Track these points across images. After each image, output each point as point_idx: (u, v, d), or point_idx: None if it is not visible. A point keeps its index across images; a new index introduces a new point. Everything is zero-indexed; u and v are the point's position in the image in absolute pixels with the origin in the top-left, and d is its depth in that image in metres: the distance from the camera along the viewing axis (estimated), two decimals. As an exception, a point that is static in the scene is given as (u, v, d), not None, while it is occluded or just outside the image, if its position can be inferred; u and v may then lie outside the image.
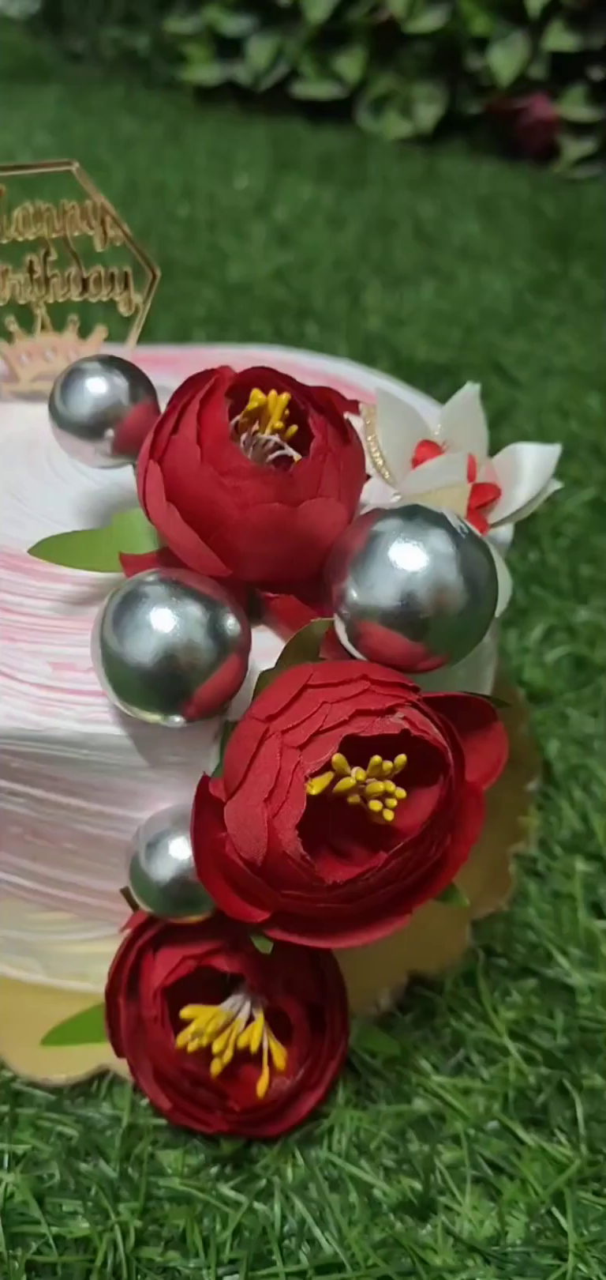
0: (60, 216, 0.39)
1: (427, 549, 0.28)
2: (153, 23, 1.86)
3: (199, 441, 0.29)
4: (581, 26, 1.38)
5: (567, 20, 1.39)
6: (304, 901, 0.27)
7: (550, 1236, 0.31)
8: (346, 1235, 0.31)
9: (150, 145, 1.56)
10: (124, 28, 1.92)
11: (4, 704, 0.29)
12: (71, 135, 1.59)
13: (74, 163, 0.38)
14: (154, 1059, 0.32)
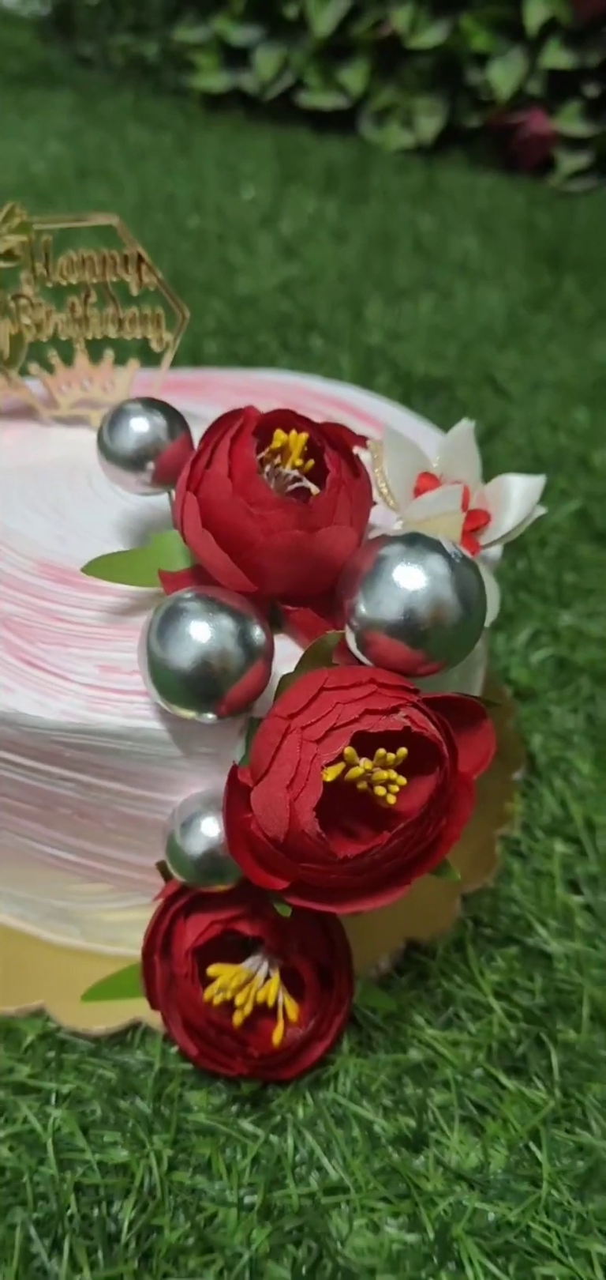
0: (100, 264, 0.43)
1: (426, 571, 0.32)
2: (162, 31, 1.89)
3: (230, 475, 0.33)
4: (577, 45, 1.42)
5: (564, 39, 1.43)
6: (319, 873, 0.31)
7: (527, 1167, 0.35)
8: (350, 1163, 0.35)
9: (160, 155, 1.59)
10: (133, 35, 1.95)
11: (58, 702, 0.33)
12: (84, 144, 1.62)
13: (115, 217, 0.42)
14: (184, 1011, 0.36)
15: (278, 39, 1.69)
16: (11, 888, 0.40)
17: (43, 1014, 0.39)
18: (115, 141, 1.66)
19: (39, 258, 0.43)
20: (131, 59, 1.97)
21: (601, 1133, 0.36)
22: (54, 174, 1.49)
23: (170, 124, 1.76)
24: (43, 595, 0.36)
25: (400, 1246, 0.33)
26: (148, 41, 1.92)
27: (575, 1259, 0.33)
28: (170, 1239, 0.33)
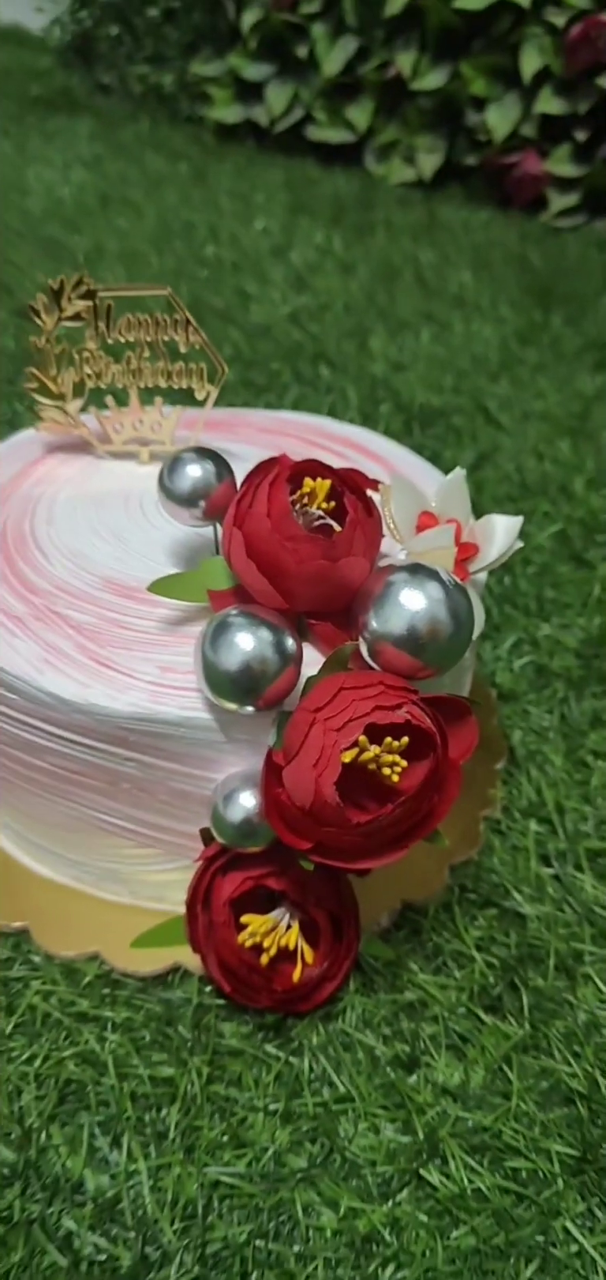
0: (154, 325, 0.49)
1: (426, 595, 0.39)
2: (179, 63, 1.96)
3: (268, 514, 0.39)
4: (569, 93, 1.49)
5: (556, 87, 1.49)
6: (336, 836, 0.37)
7: (500, 1085, 0.42)
8: (355, 1080, 0.42)
9: (177, 184, 1.65)
10: (151, 65, 2.01)
11: (126, 695, 0.40)
12: (106, 172, 1.69)
13: (167, 287, 0.48)
14: (220, 953, 0.42)
15: (288, 76, 1.75)
16: (70, 852, 0.47)
17: (98, 958, 0.45)
18: (135, 169, 1.72)
19: (101, 318, 0.49)
20: (149, 88, 2.03)
21: (562, 1059, 0.43)
22: (78, 200, 1.56)
23: (186, 153, 1.82)
24: (109, 607, 0.43)
25: (395, 1145, 0.40)
26: (165, 72, 1.98)
27: (537, 1155, 0.39)
28: (209, 1136, 0.39)
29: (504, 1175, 0.39)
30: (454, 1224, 0.37)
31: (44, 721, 0.41)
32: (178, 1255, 0.36)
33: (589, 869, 0.51)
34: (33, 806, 0.45)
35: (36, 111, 2.07)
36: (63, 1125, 0.39)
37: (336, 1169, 0.39)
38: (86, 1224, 0.36)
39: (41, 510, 0.49)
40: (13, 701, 0.41)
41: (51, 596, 0.44)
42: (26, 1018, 0.43)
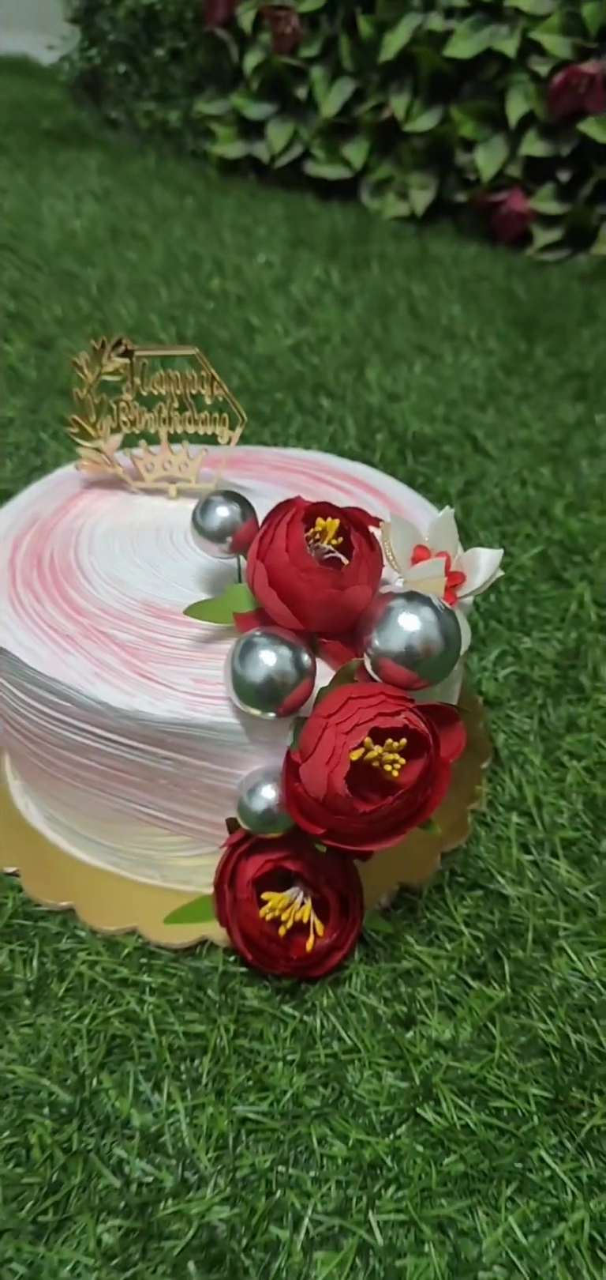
0: (183, 380, 0.55)
1: (420, 618, 0.44)
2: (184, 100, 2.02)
3: (286, 549, 0.45)
4: (552, 137, 1.55)
5: (540, 131, 1.56)
6: (345, 823, 0.43)
7: (485, 1039, 0.48)
8: (360, 1035, 0.47)
9: (183, 217, 1.71)
10: (158, 102, 2.07)
11: (165, 703, 0.45)
12: (116, 205, 1.75)
13: (195, 348, 0.54)
14: (243, 926, 0.48)
15: (288, 115, 1.82)
16: (109, 840, 0.53)
17: (135, 932, 0.51)
18: (142, 203, 1.78)
19: (137, 374, 0.55)
20: (155, 123, 2.10)
21: (538, 1018, 0.49)
22: (90, 233, 1.61)
23: (191, 187, 1.88)
24: (147, 627, 0.49)
25: (395, 1089, 0.45)
26: (171, 109, 2.04)
27: (516, 1097, 0.45)
28: (236, 1081, 0.45)
29: (488, 1113, 0.45)
30: (445, 1153, 0.43)
31: (93, 726, 0.47)
32: (212, 1179, 0.41)
33: (563, 856, 0.57)
34: (79, 800, 0.51)
35: (47, 144, 2.13)
36: (111, 1073, 0.45)
37: (345, 1108, 0.44)
38: (134, 1153, 0.42)
39: (83, 541, 0.55)
40: (65, 709, 0.47)
41: (97, 618, 0.49)
42: (75, 983, 0.49)
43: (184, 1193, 0.41)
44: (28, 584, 0.52)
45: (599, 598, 0.80)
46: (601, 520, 0.91)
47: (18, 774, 0.57)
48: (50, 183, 1.85)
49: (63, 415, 1.02)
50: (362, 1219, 0.40)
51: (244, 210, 1.78)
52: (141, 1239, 0.39)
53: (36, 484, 0.61)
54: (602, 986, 0.50)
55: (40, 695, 0.48)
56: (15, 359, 1.15)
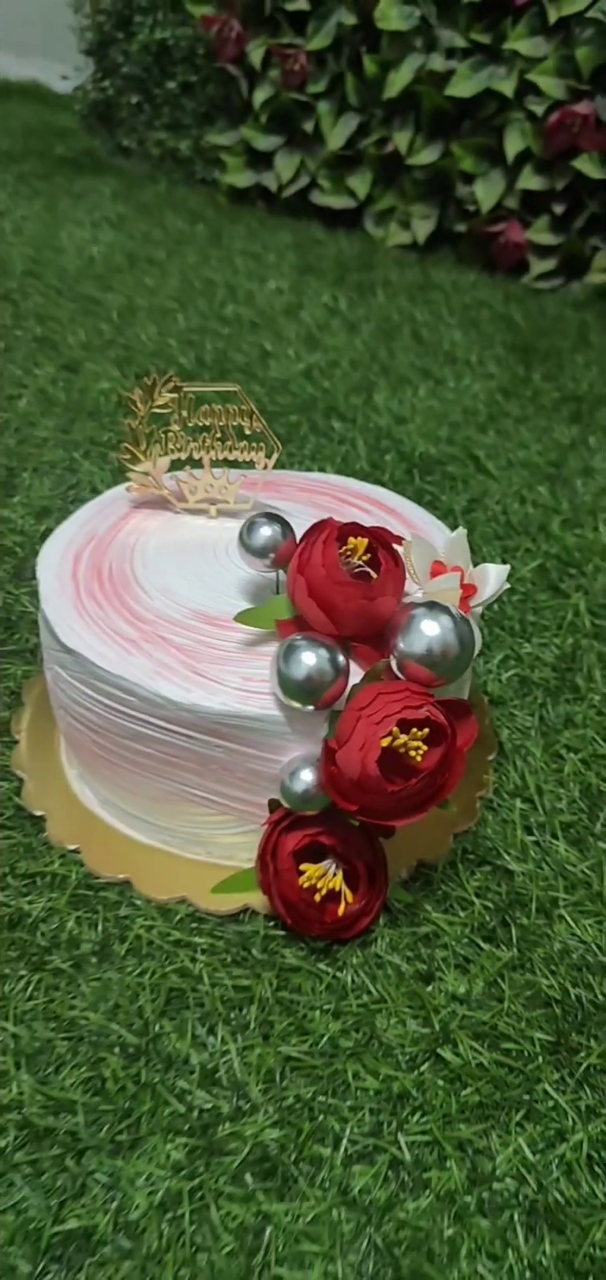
0: (225, 414, 0.61)
1: (439, 625, 0.51)
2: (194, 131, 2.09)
3: (323, 564, 0.52)
4: (547, 172, 1.62)
5: (536, 166, 1.63)
6: (376, 801, 0.50)
7: (495, 992, 0.54)
8: (387, 988, 0.54)
9: (196, 244, 1.78)
10: (169, 132, 2.14)
11: (218, 697, 0.52)
12: (131, 232, 1.81)
13: (237, 386, 0.61)
14: (283, 893, 0.54)
15: (296, 147, 1.89)
16: (162, 820, 0.59)
17: (185, 901, 0.57)
18: (157, 229, 1.85)
19: (184, 408, 0.62)
20: (166, 151, 2.16)
21: (542, 974, 0.55)
22: (108, 259, 1.68)
23: (202, 214, 1.95)
24: (199, 633, 0.55)
25: (418, 1034, 0.52)
26: (182, 139, 2.11)
27: (523, 1040, 0.52)
28: (279, 1027, 0.51)
29: (499, 1054, 0.51)
30: (463, 1086, 0.49)
31: (153, 717, 0.53)
32: (262, 1106, 0.48)
33: (562, 837, 0.64)
34: (136, 784, 0.57)
35: (63, 171, 2.19)
36: (171, 1019, 0.51)
37: (375, 1049, 0.51)
38: (195, 1085, 0.48)
39: (137, 556, 0.62)
40: (129, 702, 0.53)
41: (154, 624, 0.56)
42: (135, 944, 0.55)
43: (239, 1117, 0.47)
44: (90, 594, 0.58)
45: (593, 607, 0.86)
46: (595, 536, 0.98)
47: (75, 763, 0.63)
48: (68, 210, 1.92)
49: (93, 436, 1.09)
50: (393, 1139, 0.47)
51: (253, 237, 1.84)
52: (205, 1155, 0.46)
53: (89, 504, 0.68)
54: (598, 949, 0.57)
55: (106, 691, 0.54)
56: (45, 382, 1.21)
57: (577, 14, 1.49)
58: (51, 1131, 0.46)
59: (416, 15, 1.62)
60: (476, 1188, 0.45)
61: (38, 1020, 0.50)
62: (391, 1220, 0.44)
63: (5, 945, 0.54)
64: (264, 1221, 0.43)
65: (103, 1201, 0.44)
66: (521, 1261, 0.43)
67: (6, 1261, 0.41)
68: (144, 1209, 0.43)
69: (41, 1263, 0.41)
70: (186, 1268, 0.42)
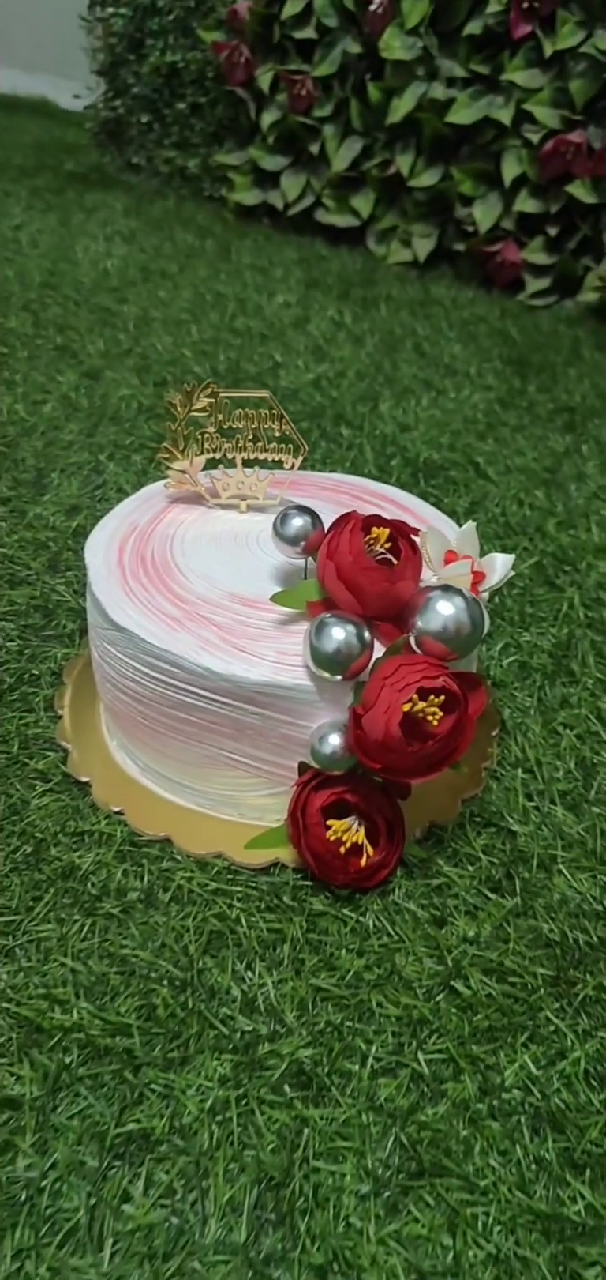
0: (257, 417, 0.67)
1: (454, 605, 0.57)
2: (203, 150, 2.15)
3: (350, 552, 0.57)
4: (542, 196, 1.69)
5: (532, 190, 1.69)
6: (398, 760, 0.55)
7: (502, 935, 0.60)
8: (405, 931, 0.59)
9: (206, 259, 1.84)
10: (178, 150, 2.21)
11: (257, 669, 0.57)
12: (143, 246, 1.87)
13: (268, 392, 0.67)
14: (311, 846, 0.60)
15: (302, 168, 1.95)
16: (197, 784, 0.64)
17: (221, 856, 0.63)
18: (168, 244, 1.91)
19: (220, 411, 0.67)
20: (175, 169, 2.23)
21: (543, 920, 0.61)
22: (122, 272, 1.74)
23: (211, 230, 2.01)
24: (237, 613, 0.61)
25: (433, 970, 0.57)
26: (190, 157, 2.18)
27: (527, 975, 0.57)
28: (310, 963, 0.57)
29: (506, 986, 0.57)
30: (474, 1013, 0.55)
31: (197, 687, 0.59)
32: (297, 1030, 0.53)
33: (559, 803, 0.70)
34: (177, 750, 0.63)
35: (74, 186, 2.25)
36: (212, 956, 0.57)
37: (396, 982, 0.56)
38: (236, 1011, 0.54)
39: (176, 544, 0.67)
40: (175, 674, 0.59)
41: (195, 605, 0.62)
42: (177, 893, 0.60)
43: (276, 1039, 0.53)
44: (136, 578, 0.64)
45: (586, 600, 0.92)
46: (588, 536, 1.04)
47: (116, 734, 0.69)
48: (81, 224, 1.98)
49: (116, 440, 1.15)
50: (413, 1057, 0.52)
51: (260, 253, 1.91)
52: (247, 1069, 0.51)
53: (129, 500, 0.73)
54: (593, 899, 0.62)
55: (153, 664, 0.60)
56: (67, 389, 1.27)
57: (572, 49, 1.56)
58: (110, 1050, 0.51)
59: (419, 46, 1.69)
60: (487, 1097, 0.51)
61: (92, 958, 0.56)
62: (413, 1123, 0.49)
63: (60, 893, 0.59)
64: (302, 1124, 0.49)
65: (159, 1108, 0.49)
66: (527, 1156, 0.49)
67: (76, 1158, 0.47)
68: (196, 1114, 0.49)
69: (106, 1159, 0.47)
70: (235, 1162, 0.47)
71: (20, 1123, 0.47)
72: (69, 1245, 0.43)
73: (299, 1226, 0.45)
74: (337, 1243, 0.44)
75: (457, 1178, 0.48)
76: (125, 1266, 0.43)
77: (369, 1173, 0.47)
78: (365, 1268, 0.44)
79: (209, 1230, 0.44)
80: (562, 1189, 0.48)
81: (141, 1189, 0.46)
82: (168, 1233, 0.44)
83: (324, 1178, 0.47)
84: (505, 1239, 0.46)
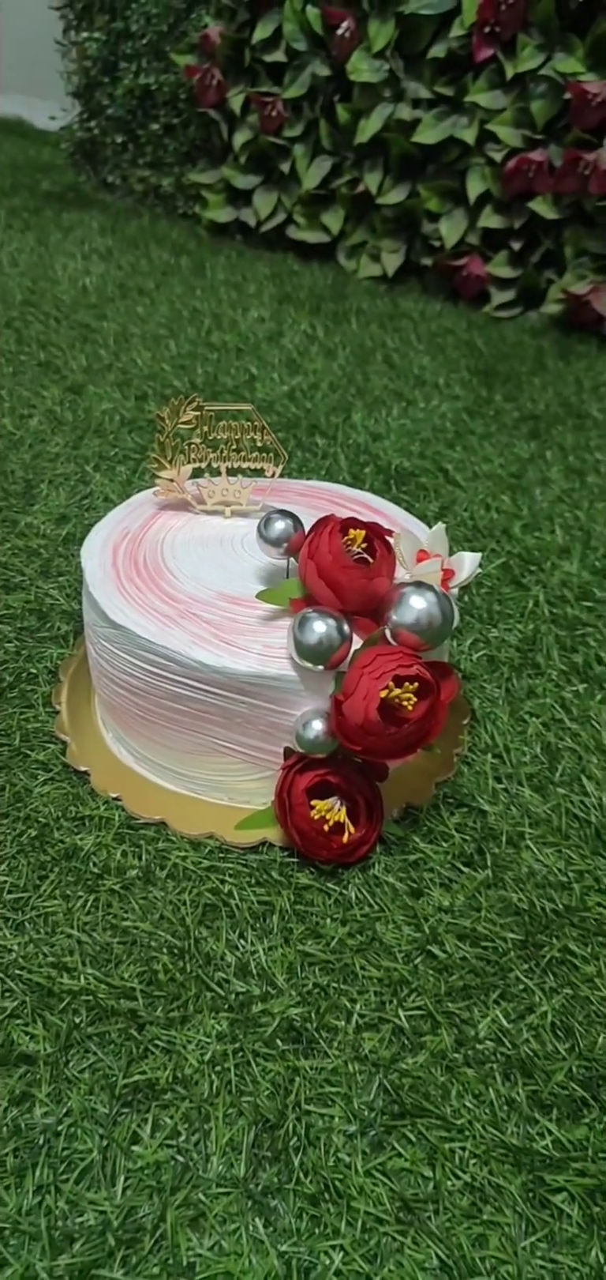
0: (240, 429, 0.72)
1: (425, 600, 0.62)
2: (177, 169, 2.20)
3: (329, 552, 0.62)
4: (505, 212, 1.76)
5: (496, 207, 1.76)
6: (376, 743, 0.60)
7: (474, 904, 0.65)
8: (384, 902, 0.64)
9: (181, 275, 1.89)
10: (152, 170, 2.25)
11: (245, 661, 0.62)
12: (120, 263, 1.91)
13: (251, 405, 0.71)
14: (297, 824, 0.64)
15: (273, 186, 2.01)
16: (189, 770, 0.69)
17: (213, 836, 0.67)
18: (144, 261, 1.95)
19: (205, 424, 0.72)
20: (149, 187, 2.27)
21: (512, 890, 0.66)
22: (100, 289, 1.78)
23: (185, 247, 2.06)
24: (225, 611, 0.66)
25: (411, 936, 0.62)
26: (164, 176, 2.22)
27: (498, 939, 0.62)
28: (297, 931, 0.61)
29: (479, 949, 0.62)
30: (450, 974, 0.60)
31: (189, 679, 0.63)
32: (286, 991, 0.58)
33: (526, 784, 0.75)
34: (169, 739, 0.67)
35: (51, 205, 2.29)
36: (207, 927, 0.61)
37: (377, 947, 0.61)
38: (231, 974, 0.58)
39: (167, 548, 0.72)
40: (169, 667, 0.63)
41: (187, 604, 0.66)
42: (173, 870, 0.65)
43: (268, 999, 0.57)
44: (130, 580, 0.68)
45: (551, 598, 0.98)
46: (551, 538, 1.10)
47: (112, 726, 0.73)
48: (59, 243, 2.01)
49: (100, 452, 1.19)
50: (394, 1013, 0.57)
51: (234, 269, 1.96)
52: (243, 1026, 0.55)
53: (119, 507, 0.78)
54: (558, 871, 0.67)
55: (148, 659, 0.64)
56: (52, 403, 1.31)
57: (532, 71, 1.63)
58: (116, 1011, 0.55)
59: (385, 69, 1.75)
60: (462, 1048, 0.56)
61: (97, 929, 0.60)
62: (395, 1071, 0.54)
63: (65, 872, 0.63)
64: (293, 1074, 0.53)
65: (162, 1061, 0.53)
66: (499, 1098, 0.53)
67: (88, 1106, 0.51)
68: (196, 1065, 0.53)
69: (116, 1107, 0.51)
70: (233, 1107, 0.52)
71: (36, 1076, 0.51)
72: (84, 1181, 0.47)
73: (293, 1162, 0.49)
74: (328, 1175, 0.49)
75: (436, 1118, 0.52)
76: (136, 1198, 0.47)
77: (355, 1115, 0.52)
78: (354, 1196, 0.48)
79: (211, 1166, 0.49)
80: (532, 1126, 0.53)
81: (149, 1132, 0.50)
82: (174, 1169, 0.48)
83: (315, 1120, 0.51)
84: (480, 1169, 0.50)
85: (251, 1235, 0.46)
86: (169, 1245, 0.45)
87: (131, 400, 1.33)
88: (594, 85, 1.55)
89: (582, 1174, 0.50)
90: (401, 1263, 0.46)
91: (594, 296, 1.67)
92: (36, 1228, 0.45)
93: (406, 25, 1.71)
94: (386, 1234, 0.47)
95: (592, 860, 0.69)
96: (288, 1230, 0.47)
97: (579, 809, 0.73)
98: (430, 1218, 0.48)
